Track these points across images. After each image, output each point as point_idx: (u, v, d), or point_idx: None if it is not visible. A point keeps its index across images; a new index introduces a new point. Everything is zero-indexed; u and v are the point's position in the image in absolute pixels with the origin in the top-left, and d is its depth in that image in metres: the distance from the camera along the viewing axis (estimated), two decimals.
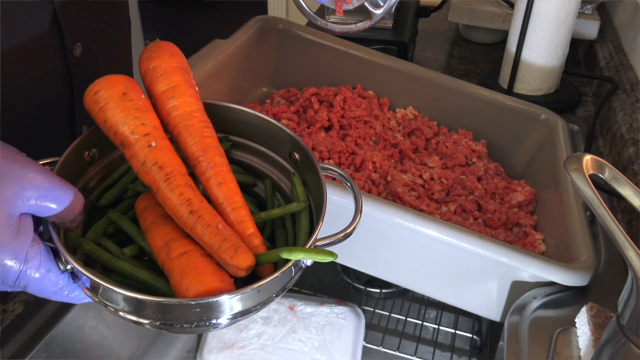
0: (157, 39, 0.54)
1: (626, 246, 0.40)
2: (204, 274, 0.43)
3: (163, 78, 0.51)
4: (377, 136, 0.84)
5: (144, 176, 0.47)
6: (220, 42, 0.84)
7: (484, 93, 0.89)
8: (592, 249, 0.60)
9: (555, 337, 0.53)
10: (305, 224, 0.51)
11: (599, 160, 0.44)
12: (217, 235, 0.45)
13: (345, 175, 0.53)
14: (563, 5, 0.94)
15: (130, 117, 0.47)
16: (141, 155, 0.47)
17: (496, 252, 0.58)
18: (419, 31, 1.35)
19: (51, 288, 0.43)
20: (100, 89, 0.48)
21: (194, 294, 0.42)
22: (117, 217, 0.51)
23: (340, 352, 0.69)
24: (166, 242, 0.46)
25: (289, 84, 0.93)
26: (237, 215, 0.48)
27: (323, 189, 0.50)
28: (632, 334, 0.41)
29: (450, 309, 0.80)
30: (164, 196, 0.47)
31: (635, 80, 0.97)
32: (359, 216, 0.49)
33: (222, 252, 0.44)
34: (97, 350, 0.67)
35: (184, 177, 0.47)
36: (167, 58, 0.51)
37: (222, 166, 0.50)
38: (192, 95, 0.51)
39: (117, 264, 0.47)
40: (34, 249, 0.42)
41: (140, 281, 0.47)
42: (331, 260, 0.45)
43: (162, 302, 0.42)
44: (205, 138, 0.50)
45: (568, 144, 0.79)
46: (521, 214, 0.74)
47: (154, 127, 0.48)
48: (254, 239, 0.48)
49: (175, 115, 0.50)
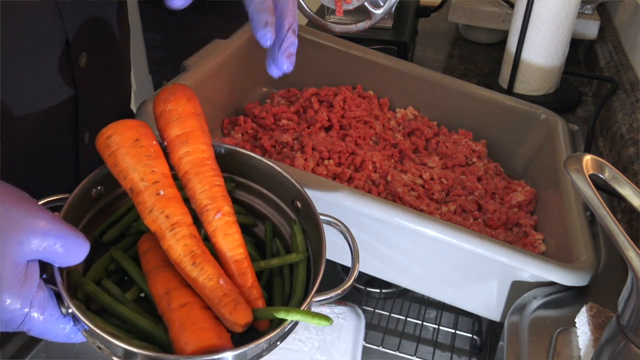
0: (175, 82, 0.54)
1: (626, 246, 0.40)
2: (203, 329, 0.44)
3: (178, 122, 0.51)
4: (377, 136, 0.84)
5: (150, 223, 0.48)
6: (220, 42, 0.84)
7: (484, 93, 0.89)
8: (592, 249, 0.60)
9: (555, 337, 0.53)
10: (303, 276, 0.52)
11: (599, 160, 0.44)
12: (218, 290, 0.46)
13: (345, 229, 0.53)
14: (563, 5, 0.94)
15: (141, 164, 0.48)
16: (149, 202, 0.48)
17: (496, 252, 0.58)
18: (419, 31, 1.35)
19: (54, 331, 0.44)
20: (113, 133, 0.49)
21: (192, 350, 0.43)
22: (120, 256, 0.52)
23: (340, 352, 0.69)
24: (167, 291, 0.47)
25: (289, 84, 0.93)
26: (239, 267, 0.50)
27: (322, 241, 0.51)
28: (632, 334, 0.41)
29: (450, 309, 0.80)
30: (168, 245, 0.48)
31: (635, 80, 0.97)
32: (357, 265, 0.51)
33: (221, 307, 0.46)
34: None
35: (189, 228, 0.48)
36: (184, 103, 0.52)
37: (229, 216, 0.51)
38: (204, 142, 0.52)
39: (118, 308, 0.48)
40: (39, 295, 0.43)
41: (139, 328, 0.47)
42: (327, 325, 0.46)
43: (159, 357, 0.43)
44: (215, 187, 0.51)
45: (568, 144, 0.79)
46: (521, 214, 0.74)
47: (163, 175, 0.49)
48: (253, 291, 0.49)
49: (187, 161, 0.51)
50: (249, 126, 0.82)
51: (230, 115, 0.86)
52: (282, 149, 0.77)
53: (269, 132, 0.82)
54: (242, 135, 0.82)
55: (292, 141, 0.77)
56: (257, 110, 0.84)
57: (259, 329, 0.48)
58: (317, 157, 0.74)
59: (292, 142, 0.77)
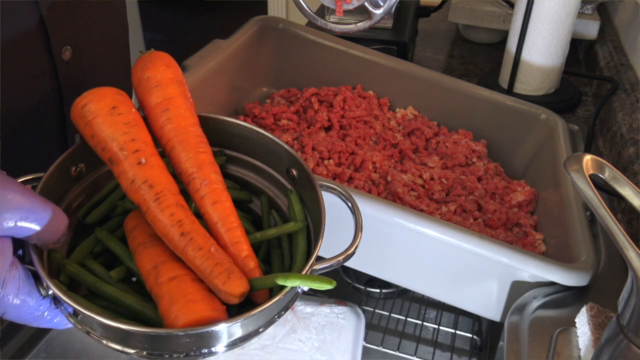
0: (151, 48, 0.52)
1: (626, 246, 0.40)
2: (194, 301, 0.41)
3: (157, 90, 0.48)
4: (377, 136, 0.84)
5: (133, 195, 0.45)
6: (220, 42, 0.84)
7: (484, 93, 0.89)
8: (592, 249, 0.60)
9: (555, 337, 0.53)
10: (303, 245, 0.49)
11: (599, 160, 0.44)
12: (209, 259, 0.43)
13: (344, 193, 0.51)
14: (563, 5, 0.94)
15: (120, 132, 0.45)
16: (130, 172, 0.45)
17: (496, 252, 0.58)
18: (419, 31, 1.35)
19: (31, 314, 0.41)
20: (88, 102, 0.46)
21: (183, 324, 0.40)
22: (105, 236, 0.49)
23: (340, 352, 0.69)
24: (155, 265, 0.44)
25: (289, 84, 0.93)
26: (232, 236, 0.46)
27: (321, 208, 0.48)
28: (632, 334, 0.41)
29: (450, 309, 0.80)
30: (153, 217, 0.44)
31: (635, 80, 0.97)
32: (360, 234, 0.47)
33: (214, 278, 0.42)
34: (97, 350, 0.67)
35: (175, 197, 0.45)
36: (162, 69, 0.49)
37: (217, 184, 0.48)
38: (187, 109, 0.49)
39: (103, 287, 0.45)
40: (13, 274, 0.39)
41: (126, 307, 0.44)
42: (329, 288, 0.42)
43: (148, 332, 0.40)
44: (200, 154, 0.48)
45: (568, 144, 0.79)
46: (521, 214, 0.74)
47: (144, 143, 0.46)
48: (249, 261, 0.46)
49: (169, 129, 0.48)
50: None
51: (230, 115, 0.86)
52: None
53: (269, 132, 0.82)
54: None
55: (292, 141, 0.77)
56: (257, 110, 0.84)
57: (257, 302, 0.44)
58: (317, 157, 0.74)
59: (292, 142, 0.77)
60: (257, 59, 0.90)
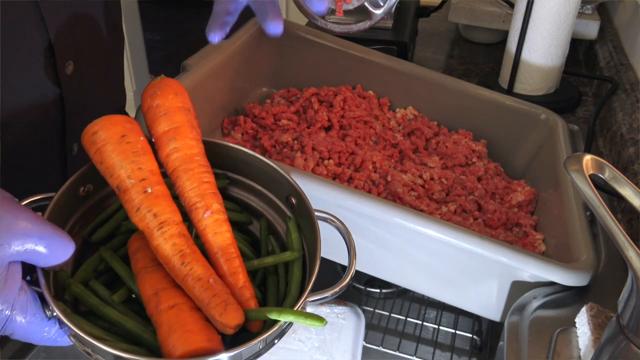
0: (162, 74, 0.53)
1: (626, 246, 0.40)
2: (192, 332, 0.43)
3: (165, 118, 0.50)
4: (377, 136, 0.84)
5: (138, 222, 0.47)
6: (220, 42, 0.84)
7: (484, 93, 0.89)
8: (592, 249, 0.60)
9: (555, 337, 0.53)
10: (298, 275, 0.51)
11: (599, 160, 0.44)
12: (208, 290, 0.45)
13: (342, 226, 0.52)
14: (563, 5, 0.94)
15: (128, 160, 0.47)
16: (136, 200, 0.46)
17: (496, 252, 0.58)
18: (419, 31, 1.35)
19: (38, 334, 0.43)
20: (98, 129, 0.47)
21: (180, 354, 0.42)
22: (109, 256, 0.50)
23: (340, 352, 0.69)
24: (156, 292, 0.46)
25: (289, 84, 0.93)
26: (231, 267, 0.48)
27: (317, 239, 0.49)
28: (632, 334, 0.41)
29: (450, 309, 0.80)
30: (157, 244, 0.46)
31: (635, 80, 0.97)
32: (354, 263, 0.50)
33: (211, 308, 0.44)
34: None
35: (178, 226, 0.47)
36: (171, 97, 0.50)
37: (219, 214, 0.50)
38: (193, 138, 0.51)
39: (105, 310, 0.47)
40: (21, 298, 0.41)
41: (127, 330, 0.46)
42: (320, 326, 0.45)
43: None
44: (204, 183, 0.50)
45: (568, 144, 0.79)
46: (521, 214, 0.74)
47: (150, 172, 0.48)
48: (245, 291, 0.48)
49: (175, 157, 0.50)
50: (249, 126, 0.82)
51: (230, 115, 0.86)
52: (282, 149, 0.77)
53: (269, 132, 0.82)
54: (242, 135, 0.82)
55: (292, 141, 0.77)
56: (257, 110, 0.84)
57: (251, 331, 0.47)
58: (317, 157, 0.74)
59: (292, 142, 0.77)
60: (257, 59, 0.90)
